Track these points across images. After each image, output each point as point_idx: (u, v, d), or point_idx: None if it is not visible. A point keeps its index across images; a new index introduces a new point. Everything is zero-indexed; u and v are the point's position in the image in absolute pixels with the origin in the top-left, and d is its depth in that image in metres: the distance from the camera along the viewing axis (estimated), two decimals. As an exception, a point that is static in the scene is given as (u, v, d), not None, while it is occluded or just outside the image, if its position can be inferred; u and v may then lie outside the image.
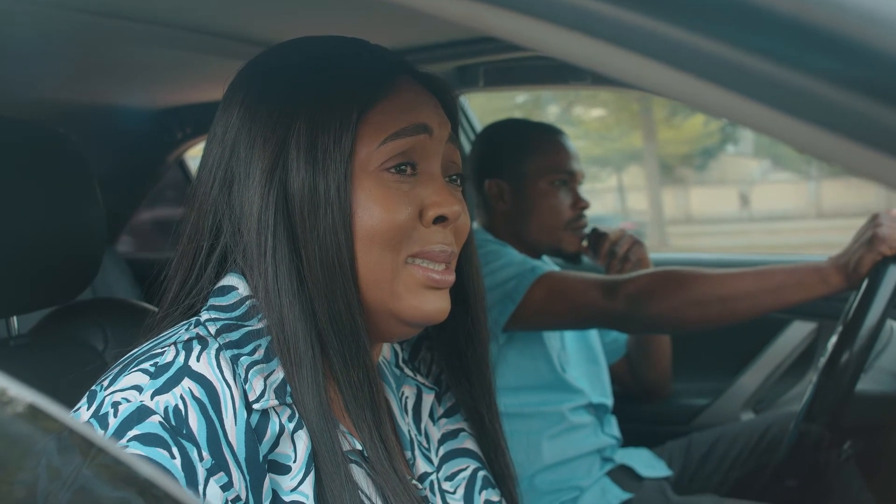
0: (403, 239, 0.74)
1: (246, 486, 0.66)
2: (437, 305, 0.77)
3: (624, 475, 1.67)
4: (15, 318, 1.11)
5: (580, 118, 13.77)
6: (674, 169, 16.12)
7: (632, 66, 0.42)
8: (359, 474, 0.73)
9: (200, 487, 0.63)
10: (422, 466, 0.85)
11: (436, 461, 0.89)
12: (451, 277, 0.78)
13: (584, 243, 1.76)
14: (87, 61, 1.47)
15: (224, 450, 0.65)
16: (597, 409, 1.72)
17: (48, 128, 1.09)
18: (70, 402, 0.67)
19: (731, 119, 0.45)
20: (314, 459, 0.70)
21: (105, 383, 0.68)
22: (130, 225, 2.53)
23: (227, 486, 0.65)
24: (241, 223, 0.74)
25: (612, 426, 1.75)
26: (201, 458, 0.64)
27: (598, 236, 1.75)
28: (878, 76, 0.39)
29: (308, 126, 0.72)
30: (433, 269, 0.76)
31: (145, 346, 0.72)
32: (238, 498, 0.65)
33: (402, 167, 0.75)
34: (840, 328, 1.28)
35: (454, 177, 0.82)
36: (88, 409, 0.66)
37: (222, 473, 0.65)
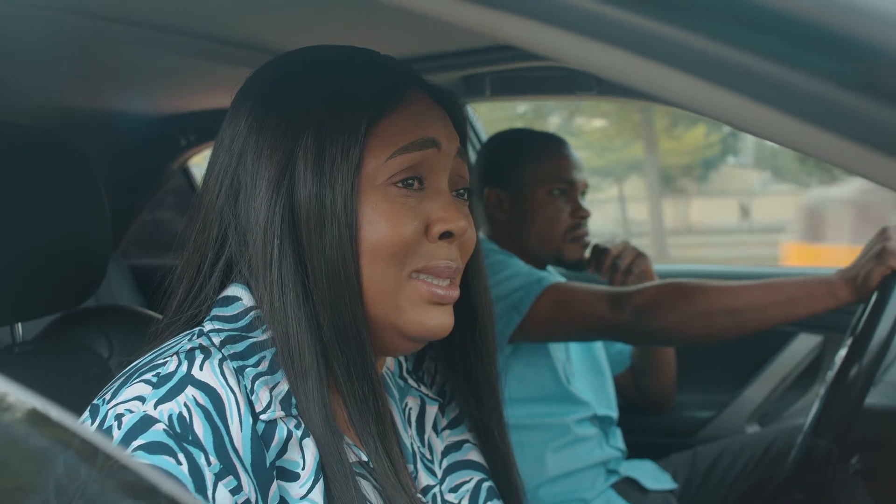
0: (408, 254, 0.73)
1: (255, 491, 0.66)
2: (439, 321, 0.76)
3: (629, 488, 1.66)
4: (19, 324, 1.11)
5: (582, 129, 13.79)
6: (674, 180, 16.14)
7: (649, 73, 0.41)
8: (365, 486, 0.73)
9: (209, 492, 0.62)
10: (424, 479, 0.84)
11: (439, 473, 0.88)
12: (455, 293, 0.77)
13: (587, 254, 1.76)
14: (92, 66, 1.47)
15: (231, 455, 0.65)
16: (602, 421, 1.71)
17: (54, 133, 1.08)
18: (74, 410, 0.66)
19: (749, 128, 0.44)
20: (322, 469, 0.70)
21: (107, 397, 0.68)
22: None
23: (236, 490, 0.64)
24: (247, 233, 0.73)
25: (617, 438, 1.74)
26: (209, 463, 0.63)
27: (599, 252, 1.74)
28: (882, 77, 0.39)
29: (316, 137, 0.72)
30: (437, 285, 0.75)
31: (147, 357, 0.71)
32: (248, 502, 0.65)
33: (410, 181, 0.74)
34: (849, 341, 1.27)
35: (461, 191, 0.81)
36: (92, 423, 0.66)
37: (231, 477, 0.64)
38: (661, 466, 1.78)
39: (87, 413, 0.68)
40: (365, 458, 0.74)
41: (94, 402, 0.69)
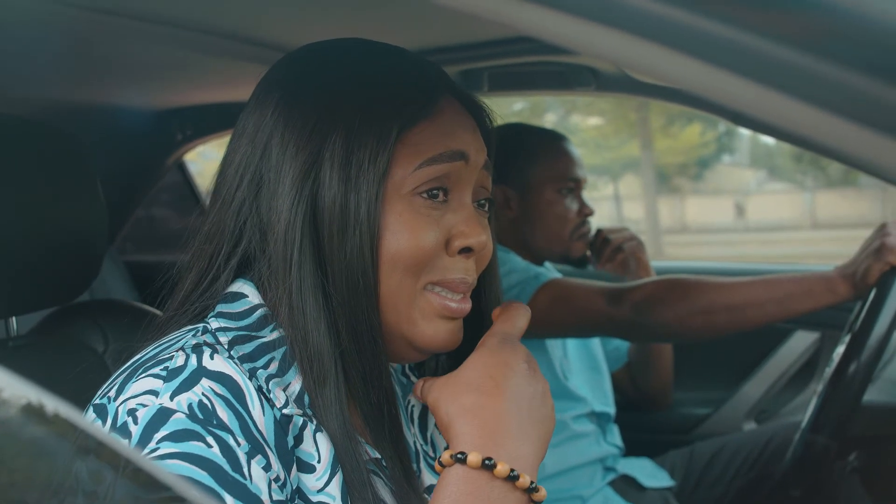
0: (426, 265, 0.73)
1: (283, 470, 0.66)
2: (449, 335, 0.76)
3: (626, 485, 1.65)
4: (14, 318, 1.10)
5: (578, 126, 13.80)
6: (670, 178, 16.17)
7: (665, 62, 0.41)
8: (377, 483, 0.73)
9: (245, 470, 0.62)
10: (427, 479, 0.84)
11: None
12: (467, 306, 0.76)
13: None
14: (89, 60, 1.46)
15: (257, 436, 0.64)
16: (599, 418, 1.71)
17: (51, 126, 1.07)
18: (70, 405, 0.65)
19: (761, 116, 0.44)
20: (339, 467, 0.70)
21: (112, 394, 0.66)
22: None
23: (267, 468, 0.64)
24: (267, 231, 0.72)
25: (615, 435, 1.74)
26: (238, 444, 0.63)
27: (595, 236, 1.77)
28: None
29: (344, 140, 0.70)
30: (450, 298, 0.74)
31: (149, 353, 0.70)
32: (278, 478, 0.65)
33: (435, 192, 0.73)
34: (847, 338, 1.27)
35: (482, 201, 0.80)
36: (104, 424, 0.64)
37: (260, 456, 0.64)
38: (659, 464, 1.78)
39: (91, 413, 0.66)
40: (377, 456, 0.74)
41: (98, 401, 0.67)
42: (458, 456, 0.66)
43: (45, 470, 0.46)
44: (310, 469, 0.69)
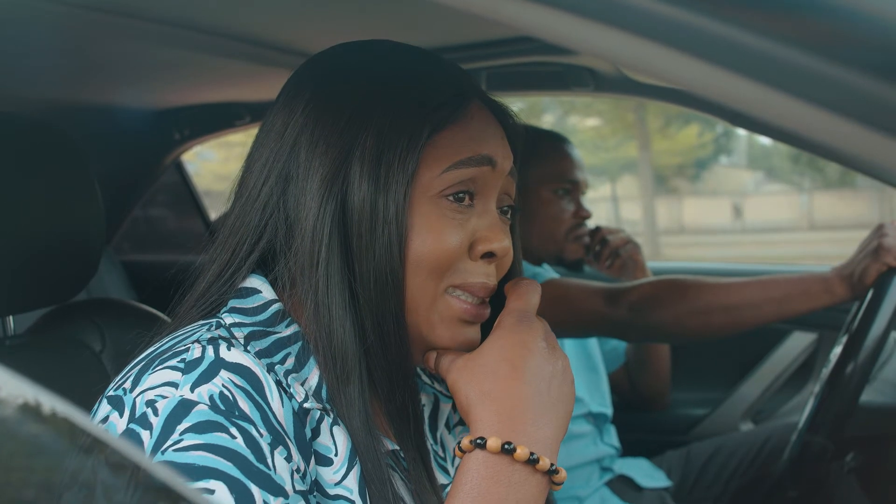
0: (449, 268, 0.73)
1: (303, 462, 0.66)
2: (467, 338, 0.76)
3: (623, 485, 1.65)
4: (11, 317, 1.09)
5: (576, 127, 13.80)
6: (668, 179, 16.19)
7: (663, 60, 0.41)
8: (395, 478, 0.74)
9: (269, 461, 0.63)
10: (438, 479, 0.84)
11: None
12: (486, 312, 0.77)
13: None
14: (86, 58, 1.46)
15: (277, 427, 0.65)
16: (596, 419, 1.71)
17: (48, 124, 1.07)
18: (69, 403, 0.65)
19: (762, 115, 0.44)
20: (357, 460, 0.70)
21: (127, 386, 0.66)
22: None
23: (288, 459, 0.64)
24: (294, 227, 0.73)
25: (612, 436, 1.74)
26: (261, 435, 0.63)
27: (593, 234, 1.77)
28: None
29: (375, 140, 0.71)
30: (470, 303, 0.75)
31: (164, 345, 0.70)
32: (299, 469, 0.65)
33: (461, 196, 0.74)
34: (844, 339, 1.27)
35: (505, 208, 0.81)
36: (121, 416, 0.64)
37: (282, 447, 0.64)
38: (656, 464, 1.78)
39: (105, 405, 0.66)
40: (395, 448, 0.75)
41: (112, 392, 0.67)
42: (478, 441, 0.67)
43: (42, 468, 0.46)
44: (327, 462, 0.69)
